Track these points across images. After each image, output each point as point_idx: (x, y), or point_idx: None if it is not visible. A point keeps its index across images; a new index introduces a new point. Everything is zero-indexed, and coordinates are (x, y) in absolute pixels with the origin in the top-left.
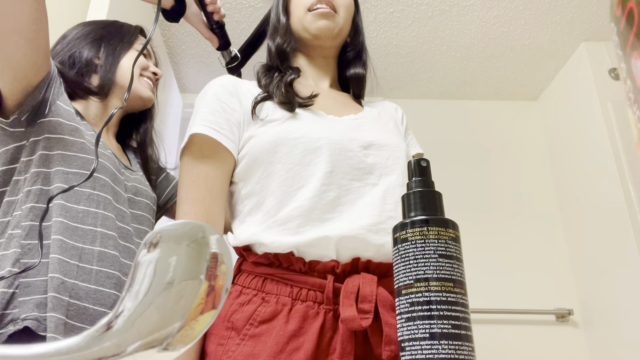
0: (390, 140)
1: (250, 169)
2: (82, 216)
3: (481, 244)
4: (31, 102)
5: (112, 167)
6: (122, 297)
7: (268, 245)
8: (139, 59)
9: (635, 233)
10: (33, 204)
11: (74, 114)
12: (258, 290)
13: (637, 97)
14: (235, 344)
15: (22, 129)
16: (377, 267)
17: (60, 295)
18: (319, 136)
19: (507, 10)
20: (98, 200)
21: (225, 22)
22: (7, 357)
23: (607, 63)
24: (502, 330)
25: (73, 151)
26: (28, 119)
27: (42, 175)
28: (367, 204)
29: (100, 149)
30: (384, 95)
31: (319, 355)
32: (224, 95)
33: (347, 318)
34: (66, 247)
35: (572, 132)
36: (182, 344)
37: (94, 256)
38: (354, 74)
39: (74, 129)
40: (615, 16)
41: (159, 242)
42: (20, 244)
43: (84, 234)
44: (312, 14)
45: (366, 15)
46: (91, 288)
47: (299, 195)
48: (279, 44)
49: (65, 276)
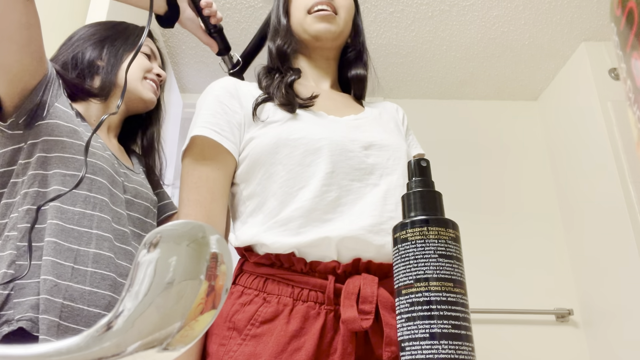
0: (391, 140)
1: (251, 170)
2: (78, 218)
3: (481, 243)
4: (28, 105)
5: (110, 169)
6: (122, 297)
7: (269, 245)
8: (143, 61)
9: (635, 233)
10: (29, 206)
11: (73, 116)
12: (259, 290)
13: (637, 97)
14: (236, 344)
15: (20, 131)
16: (378, 267)
17: (53, 298)
18: (320, 137)
19: (507, 10)
20: (94, 202)
21: (226, 22)
22: (7, 357)
23: (607, 63)
24: (502, 330)
25: (71, 153)
26: (26, 121)
27: (40, 177)
28: (368, 204)
29: (98, 151)
30: (384, 95)
31: (320, 355)
32: (225, 97)
33: (347, 319)
34: (61, 249)
35: (572, 132)
36: (182, 344)
37: (89, 258)
38: (355, 75)
39: (72, 131)
40: (615, 16)
41: (159, 242)
42: (16, 246)
43: (79, 235)
44: (312, 16)
45: (366, 15)
46: (86, 290)
47: (300, 195)
48: (279, 45)
49: (58, 278)
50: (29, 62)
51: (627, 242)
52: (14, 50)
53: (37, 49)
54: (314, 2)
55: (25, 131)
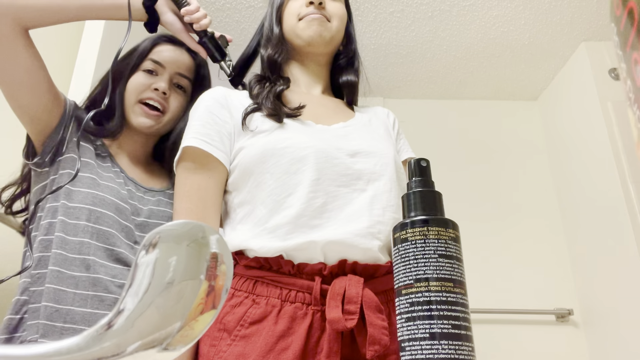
0: (379, 147)
1: (241, 179)
2: (79, 247)
3: (481, 243)
4: (51, 143)
5: (115, 198)
6: (122, 296)
7: (257, 250)
8: (139, 82)
9: (635, 233)
10: (42, 236)
11: (89, 149)
12: (249, 292)
13: (637, 97)
14: (226, 345)
15: (47, 168)
16: (364, 268)
17: (53, 323)
18: (306, 145)
19: (507, 10)
20: (92, 232)
21: (226, 22)
22: (7, 357)
23: (607, 63)
24: (502, 330)
25: (78, 186)
26: (50, 159)
27: (53, 209)
28: (355, 210)
29: (104, 182)
30: (384, 95)
31: (306, 354)
32: (215, 108)
33: (332, 319)
34: (63, 277)
35: (572, 132)
36: (182, 344)
37: (90, 283)
38: (347, 81)
39: (83, 164)
40: (615, 16)
41: (158, 242)
42: (30, 274)
43: (80, 263)
44: (304, 20)
45: (366, 15)
46: (87, 312)
47: (287, 203)
48: (270, 54)
49: (59, 304)
50: (44, 102)
51: (627, 242)
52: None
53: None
54: (306, 9)
55: (50, 168)
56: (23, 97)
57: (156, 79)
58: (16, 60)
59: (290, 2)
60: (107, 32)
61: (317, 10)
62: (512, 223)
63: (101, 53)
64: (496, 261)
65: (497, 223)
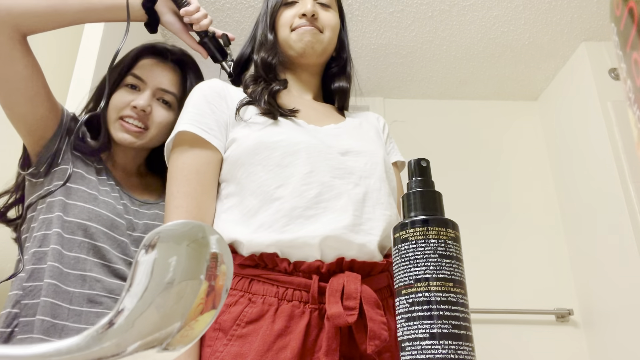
0: (369, 147)
1: (231, 170)
2: (74, 262)
3: (481, 243)
4: (47, 153)
5: (110, 213)
6: (122, 296)
7: (245, 244)
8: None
9: (635, 233)
10: (35, 248)
11: (86, 162)
12: (245, 291)
13: (637, 97)
14: (222, 345)
15: (41, 179)
16: (361, 266)
17: (50, 337)
18: (298, 140)
19: (507, 10)
20: (88, 247)
21: (226, 22)
22: (7, 357)
23: (607, 63)
24: (502, 330)
25: (74, 200)
26: (45, 169)
27: (47, 221)
28: (350, 202)
29: (100, 196)
30: (384, 95)
31: (305, 353)
32: (213, 97)
33: (333, 314)
34: (59, 291)
35: (572, 132)
36: (182, 344)
37: (84, 299)
38: (339, 88)
39: (79, 176)
40: (615, 16)
41: (158, 242)
42: (22, 287)
43: (75, 279)
44: (296, 32)
45: (366, 15)
46: (82, 327)
47: (277, 193)
48: (264, 57)
49: (55, 318)
50: (41, 112)
51: (627, 242)
52: (24, 102)
53: (45, 99)
54: (299, 21)
55: (45, 179)
56: (20, 106)
57: (137, 96)
58: (14, 68)
59: (284, 10)
60: (106, 35)
61: (310, 22)
62: (512, 223)
63: (100, 57)
64: (496, 261)
65: (497, 223)
